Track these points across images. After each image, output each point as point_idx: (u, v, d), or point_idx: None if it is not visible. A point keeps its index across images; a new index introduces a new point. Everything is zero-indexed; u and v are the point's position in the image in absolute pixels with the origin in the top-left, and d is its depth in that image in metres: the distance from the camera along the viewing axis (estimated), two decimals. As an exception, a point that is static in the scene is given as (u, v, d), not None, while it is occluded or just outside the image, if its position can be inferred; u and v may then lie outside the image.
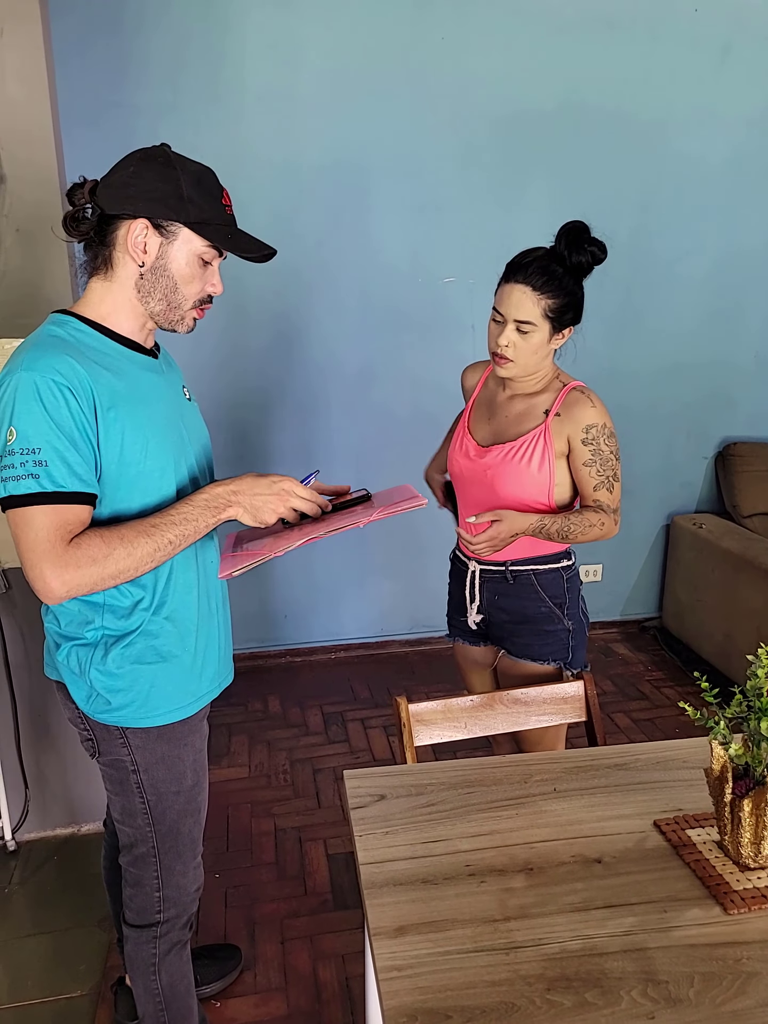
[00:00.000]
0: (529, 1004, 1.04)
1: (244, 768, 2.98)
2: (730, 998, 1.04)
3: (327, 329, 3.42)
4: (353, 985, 2.04)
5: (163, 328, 1.47)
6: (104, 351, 1.39)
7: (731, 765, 1.24)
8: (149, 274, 1.39)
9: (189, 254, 1.39)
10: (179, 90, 3.06)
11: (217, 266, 1.45)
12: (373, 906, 1.21)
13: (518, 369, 1.86)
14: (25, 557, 1.29)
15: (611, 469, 1.87)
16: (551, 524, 1.83)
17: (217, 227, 1.39)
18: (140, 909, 1.62)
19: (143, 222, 1.35)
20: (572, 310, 1.82)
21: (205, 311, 1.49)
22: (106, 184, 1.38)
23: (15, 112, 2.12)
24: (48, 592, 1.29)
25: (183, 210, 1.36)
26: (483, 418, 2.00)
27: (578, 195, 3.38)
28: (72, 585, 1.29)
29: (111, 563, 1.30)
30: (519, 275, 1.78)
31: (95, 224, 1.38)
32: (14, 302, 2.21)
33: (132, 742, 1.50)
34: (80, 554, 1.28)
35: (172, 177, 1.35)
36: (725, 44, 3.37)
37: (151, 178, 1.35)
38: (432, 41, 3.18)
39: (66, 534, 1.28)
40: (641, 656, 3.80)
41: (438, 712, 1.78)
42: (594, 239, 1.80)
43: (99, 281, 1.42)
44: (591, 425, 1.84)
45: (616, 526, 1.89)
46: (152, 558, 1.34)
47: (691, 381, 3.75)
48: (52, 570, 1.27)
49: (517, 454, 1.87)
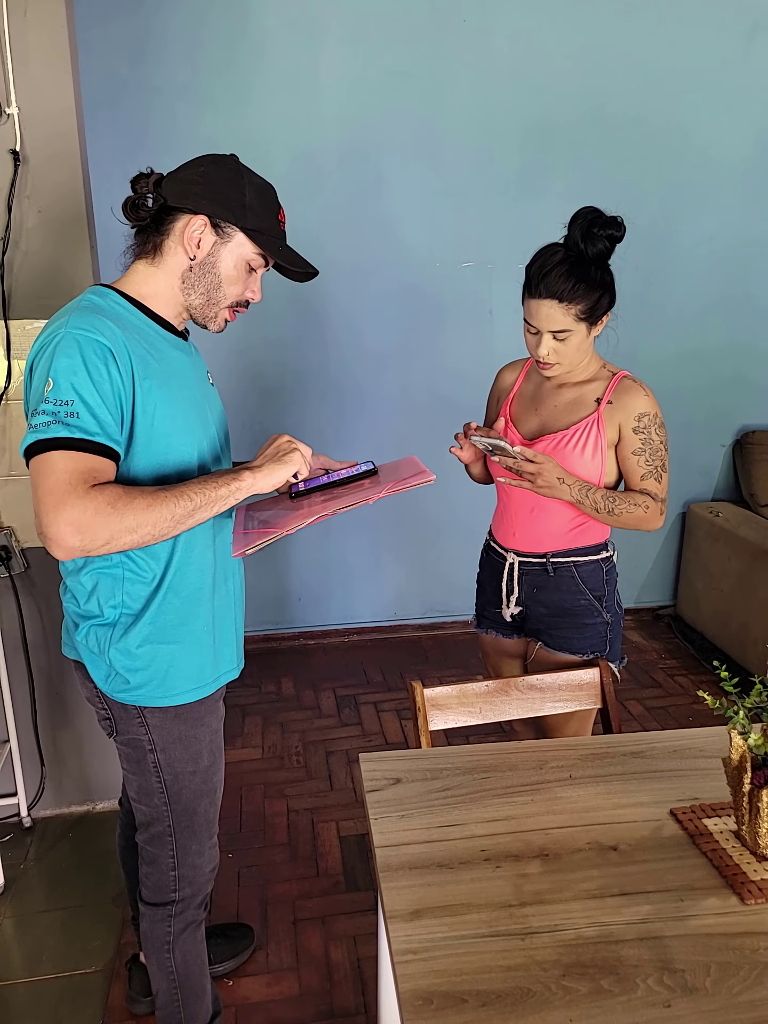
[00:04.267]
0: (544, 990, 1.04)
1: (257, 749, 2.99)
2: (747, 988, 1.03)
3: (345, 314, 3.41)
4: (364, 966, 2.05)
5: (196, 322, 1.52)
6: (140, 326, 1.42)
7: (750, 755, 1.23)
8: (198, 268, 1.44)
9: (239, 258, 1.45)
10: (198, 70, 3.05)
11: (260, 275, 1.51)
12: (389, 889, 1.21)
13: (564, 368, 1.84)
14: (41, 504, 1.24)
15: (660, 459, 1.84)
16: (596, 491, 1.80)
17: (270, 238, 1.46)
18: (156, 887, 1.64)
19: (203, 219, 1.41)
20: (603, 298, 1.77)
21: (237, 315, 1.54)
22: (174, 178, 1.44)
23: (38, 92, 2.11)
24: (61, 540, 1.23)
25: (243, 216, 1.43)
26: (528, 411, 1.95)
27: (598, 180, 3.36)
28: (87, 534, 1.23)
29: (129, 513, 1.25)
30: (542, 289, 1.73)
31: (153, 213, 1.43)
32: (37, 283, 2.21)
33: (150, 721, 1.52)
34: (100, 499, 1.24)
35: (238, 184, 1.43)
36: (752, 27, 3.32)
37: (219, 181, 1.43)
38: (454, 23, 3.15)
39: (89, 479, 1.25)
40: (655, 644, 3.80)
41: (453, 697, 1.78)
42: (607, 221, 1.73)
43: (144, 264, 1.46)
44: (643, 413, 1.82)
45: (661, 517, 1.86)
46: (172, 515, 1.30)
47: (709, 369, 3.72)
48: (68, 515, 1.22)
49: (570, 443, 1.84)
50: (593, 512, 1.83)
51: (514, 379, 2.03)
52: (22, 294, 2.21)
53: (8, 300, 2.21)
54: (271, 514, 1.50)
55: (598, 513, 1.82)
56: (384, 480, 1.49)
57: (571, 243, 1.75)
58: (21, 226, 2.18)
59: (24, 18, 2.06)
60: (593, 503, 1.81)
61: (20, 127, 2.11)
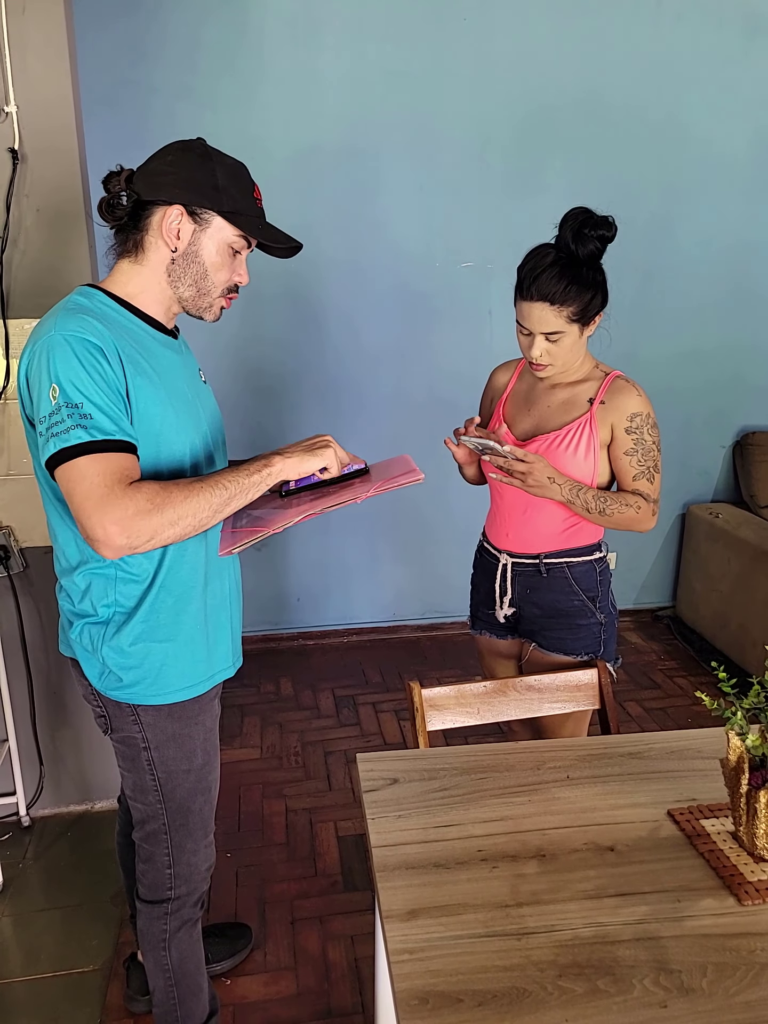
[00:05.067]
0: (540, 990, 1.04)
1: (256, 749, 2.99)
2: (743, 989, 1.03)
3: (343, 314, 3.41)
4: (362, 966, 2.05)
5: (191, 314, 1.51)
6: (127, 325, 1.42)
7: (748, 756, 1.23)
8: (181, 259, 1.43)
9: (220, 242, 1.44)
10: (196, 69, 3.04)
11: (245, 256, 1.50)
12: (385, 889, 1.21)
13: (557, 369, 1.84)
14: (82, 509, 1.25)
15: (652, 460, 1.84)
16: (587, 491, 1.81)
17: (248, 218, 1.44)
18: (152, 885, 1.64)
19: (178, 208, 1.40)
20: (595, 299, 1.77)
21: (232, 300, 1.53)
22: (143, 171, 1.43)
23: (36, 91, 2.11)
24: (109, 542, 1.25)
25: (217, 199, 1.41)
26: (522, 411, 1.95)
27: (597, 179, 3.36)
28: (132, 532, 1.25)
29: (169, 507, 1.27)
30: (533, 291, 1.73)
31: (129, 210, 1.42)
32: (35, 282, 2.20)
33: (143, 719, 1.52)
34: (139, 497, 1.26)
35: (208, 168, 1.41)
36: (752, 24, 3.32)
37: (188, 167, 1.40)
38: (454, 21, 3.15)
39: (123, 478, 1.27)
40: (654, 645, 3.79)
41: (451, 697, 1.78)
42: (598, 221, 1.73)
43: (128, 263, 1.45)
44: (636, 414, 1.82)
45: (653, 517, 1.86)
46: (210, 505, 1.31)
47: (710, 369, 3.72)
48: (112, 516, 1.24)
49: (563, 443, 1.84)
50: (584, 512, 1.83)
51: (507, 379, 2.03)
52: (20, 293, 2.21)
53: (7, 299, 2.20)
54: (259, 512, 1.50)
55: (589, 513, 1.83)
56: (375, 479, 1.48)
57: (562, 244, 1.75)
58: (19, 225, 2.18)
59: (23, 16, 2.06)
60: (584, 503, 1.81)
61: (19, 125, 2.11)
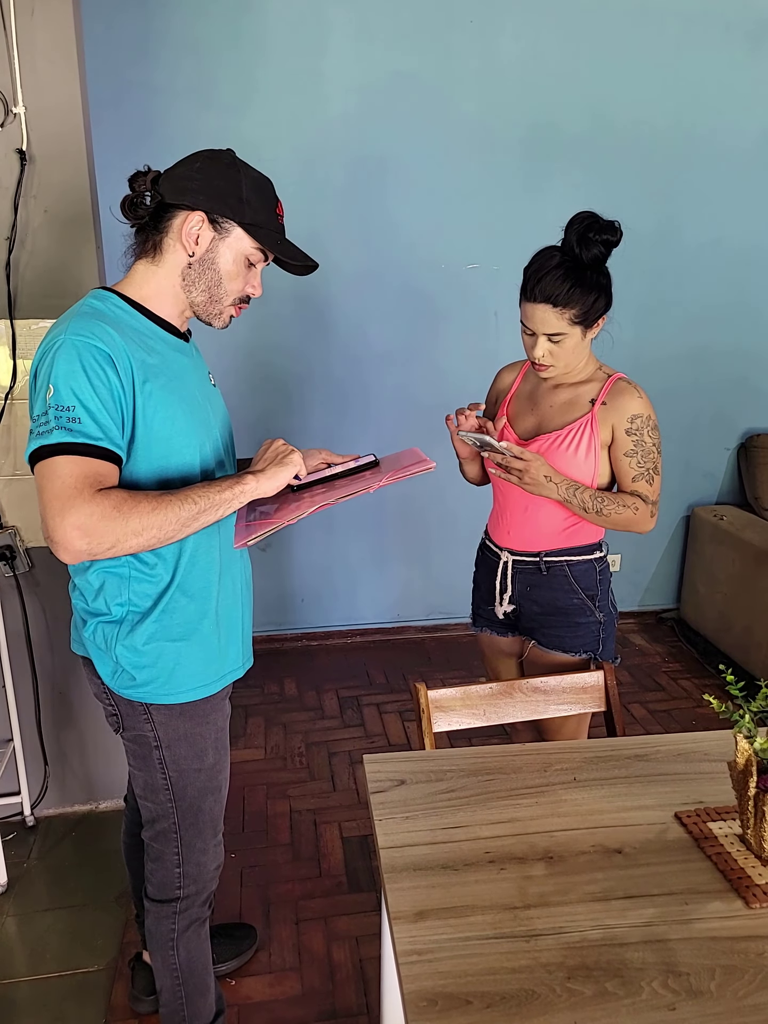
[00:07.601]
0: (549, 992, 1.04)
1: (260, 750, 2.99)
2: (752, 991, 1.03)
3: (350, 315, 3.41)
4: (367, 967, 2.05)
5: (201, 320, 1.52)
6: (139, 329, 1.43)
7: (756, 759, 1.23)
8: (197, 265, 1.44)
9: (237, 253, 1.45)
10: (202, 71, 3.05)
11: (260, 269, 1.51)
12: (393, 890, 1.21)
13: (560, 370, 1.85)
14: (47, 507, 1.26)
15: (652, 461, 1.85)
16: (584, 491, 1.81)
17: (268, 232, 1.46)
18: (161, 884, 1.64)
19: (200, 215, 1.41)
20: (599, 302, 1.78)
21: (242, 310, 1.54)
22: (170, 175, 1.44)
23: (45, 92, 2.12)
24: (67, 545, 1.25)
25: (240, 210, 1.42)
26: (525, 410, 1.97)
27: (604, 182, 3.36)
28: (93, 538, 1.25)
29: (135, 517, 1.27)
30: (537, 292, 1.74)
31: (152, 210, 1.43)
32: (43, 283, 2.21)
33: (155, 718, 1.52)
34: (106, 503, 1.26)
35: (234, 179, 1.43)
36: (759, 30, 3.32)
37: (215, 176, 1.42)
38: (461, 24, 3.15)
39: (94, 483, 1.27)
40: (658, 647, 3.79)
41: (456, 699, 1.78)
42: (603, 225, 1.74)
43: (145, 264, 1.47)
44: (636, 415, 1.83)
45: (652, 519, 1.87)
46: (177, 518, 1.32)
47: (715, 372, 3.72)
48: (75, 519, 1.24)
49: (564, 443, 1.85)
50: (581, 511, 1.84)
51: (513, 379, 2.05)
52: (28, 294, 2.22)
53: (14, 300, 2.21)
54: (273, 506, 1.51)
55: (586, 513, 1.83)
56: (385, 470, 1.49)
57: (567, 247, 1.76)
58: (27, 225, 2.18)
59: (31, 18, 2.07)
60: (581, 502, 1.82)
61: (27, 127, 2.12)
